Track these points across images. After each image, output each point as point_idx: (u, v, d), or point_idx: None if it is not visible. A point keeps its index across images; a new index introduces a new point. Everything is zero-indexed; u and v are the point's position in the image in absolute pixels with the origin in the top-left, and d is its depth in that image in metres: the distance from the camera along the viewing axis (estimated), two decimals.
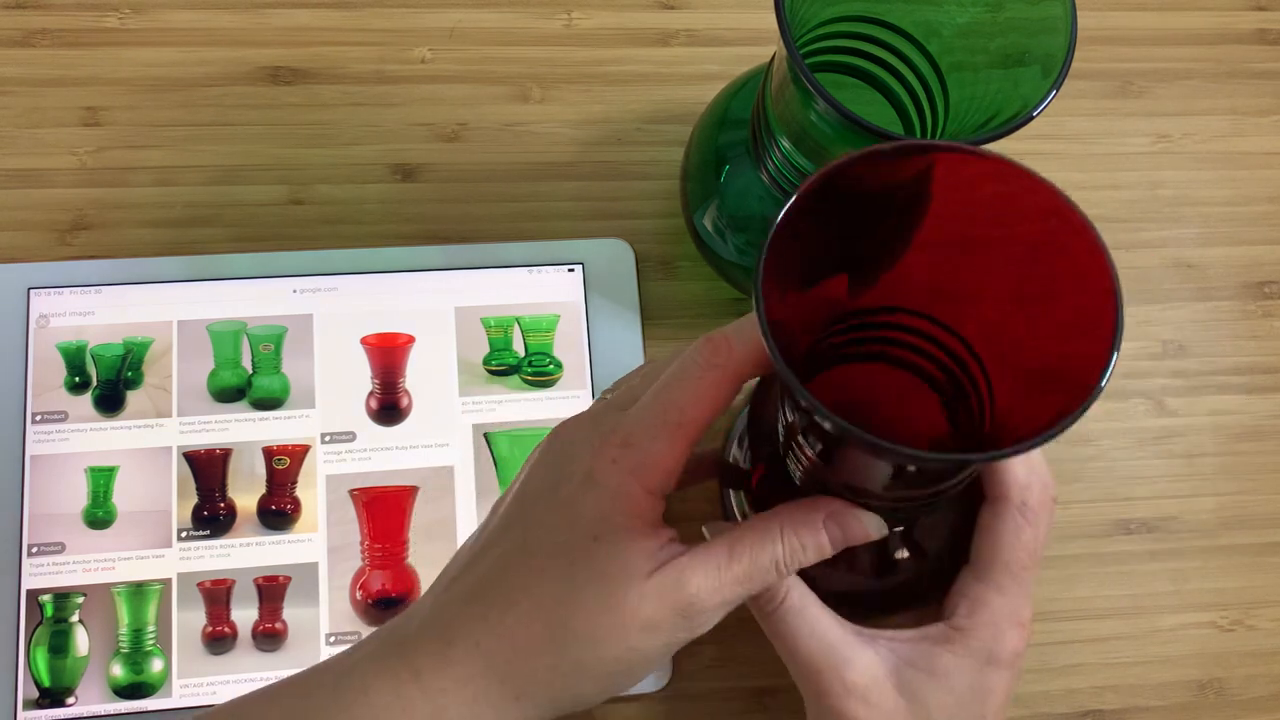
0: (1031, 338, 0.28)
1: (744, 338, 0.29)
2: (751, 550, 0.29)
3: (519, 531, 0.30)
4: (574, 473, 0.29)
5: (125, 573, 0.41)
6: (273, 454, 0.43)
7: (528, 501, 0.30)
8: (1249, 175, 0.50)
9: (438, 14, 0.49)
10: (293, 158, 0.47)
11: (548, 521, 0.29)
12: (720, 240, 0.42)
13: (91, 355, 0.43)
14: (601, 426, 0.30)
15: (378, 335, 0.44)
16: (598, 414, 0.31)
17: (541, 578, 0.28)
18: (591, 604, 0.28)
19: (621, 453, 0.28)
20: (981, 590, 0.32)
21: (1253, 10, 0.53)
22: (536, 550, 0.29)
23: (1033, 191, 0.26)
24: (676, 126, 0.48)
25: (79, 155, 0.46)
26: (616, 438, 0.29)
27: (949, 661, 0.31)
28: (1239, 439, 0.47)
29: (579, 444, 0.30)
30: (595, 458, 0.29)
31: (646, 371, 0.32)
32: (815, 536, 0.29)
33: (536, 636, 0.28)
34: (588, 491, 0.29)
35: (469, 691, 0.28)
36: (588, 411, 0.31)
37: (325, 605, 0.41)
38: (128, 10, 0.48)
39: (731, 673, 0.43)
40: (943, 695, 0.31)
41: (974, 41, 0.33)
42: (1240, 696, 0.44)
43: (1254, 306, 0.49)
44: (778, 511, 0.30)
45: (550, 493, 0.29)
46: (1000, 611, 0.32)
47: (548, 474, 0.30)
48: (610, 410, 0.30)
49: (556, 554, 0.28)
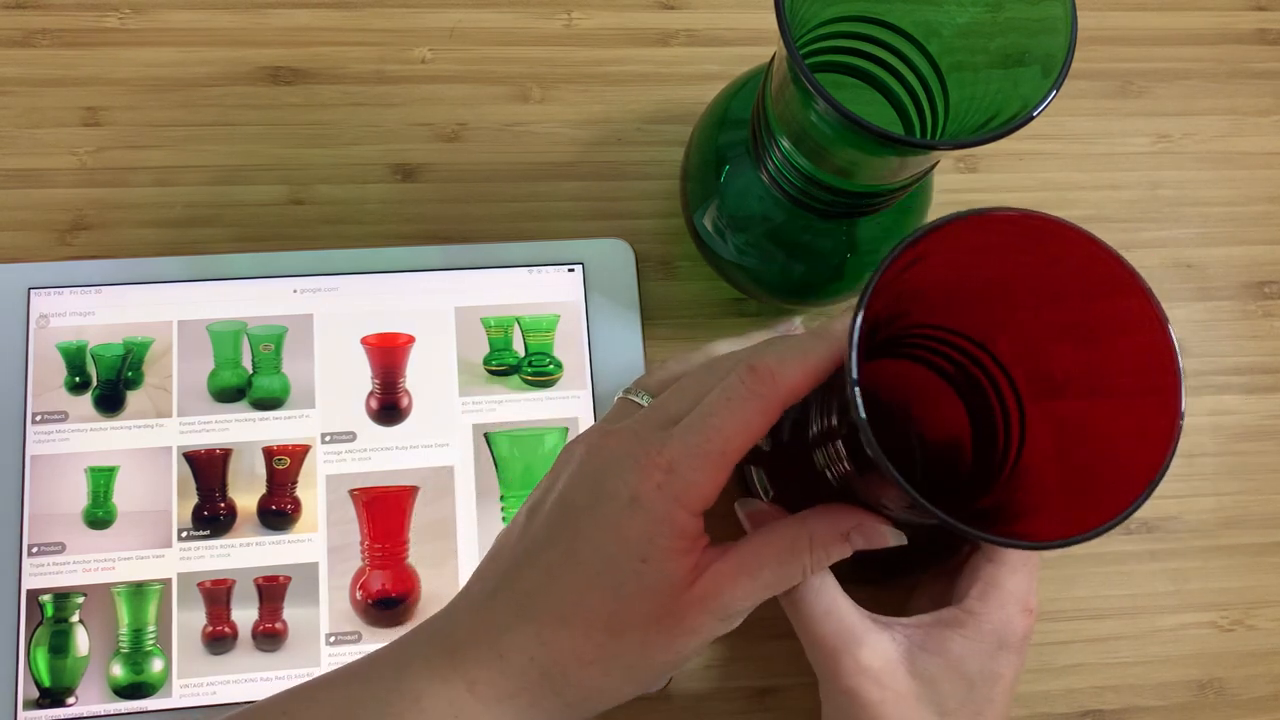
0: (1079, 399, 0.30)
1: (788, 369, 0.29)
2: (781, 558, 0.30)
3: (565, 544, 0.30)
4: (619, 492, 0.30)
5: (125, 573, 0.41)
6: (273, 454, 0.43)
7: (572, 513, 0.31)
8: (1249, 175, 0.50)
9: (438, 14, 0.49)
10: (293, 158, 0.47)
11: (595, 538, 0.30)
12: (720, 240, 0.42)
13: (92, 355, 0.43)
14: (645, 446, 0.30)
15: (378, 335, 0.44)
16: (640, 433, 0.31)
17: (592, 594, 0.29)
18: (641, 619, 0.29)
19: (666, 479, 0.29)
20: (994, 572, 0.34)
21: (1253, 10, 0.53)
22: (585, 565, 0.30)
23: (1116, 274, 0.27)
24: (676, 126, 0.48)
25: (79, 155, 0.46)
26: (662, 461, 0.29)
27: (961, 645, 0.32)
28: (1239, 439, 0.47)
29: (623, 461, 0.30)
30: (641, 482, 0.29)
31: (682, 386, 0.32)
32: (840, 547, 0.31)
33: (589, 650, 0.29)
34: (634, 514, 0.29)
35: (523, 701, 0.29)
36: (628, 427, 0.31)
37: (325, 605, 0.41)
38: (128, 10, 0.48)
39: (731, 673, 0.43)
40: (955, 678, 0.32)
41: (974, 41, 0.33)
42: (1240, 696, 0.44)
43: (1254, 306, 0.49)
44: (806, 519, 0.31)
45: (595, 508, 0.30)
46: (1012, 594, 0.33)
47: (592, 488, 0.31)
48: (651, 430, 0.31)
49: (605, 570, 0.29)
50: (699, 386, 0.31)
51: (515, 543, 0.32)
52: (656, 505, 0.29)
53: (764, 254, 0.41)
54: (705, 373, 0.32)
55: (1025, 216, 0.27)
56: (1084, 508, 0.26)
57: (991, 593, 0.33)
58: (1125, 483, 0.25)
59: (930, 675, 0.32)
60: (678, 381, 0.33)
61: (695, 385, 0.31)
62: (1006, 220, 0.27)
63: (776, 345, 0.31)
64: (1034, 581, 0.34)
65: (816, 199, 0.36)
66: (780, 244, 0.40)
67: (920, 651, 0.32)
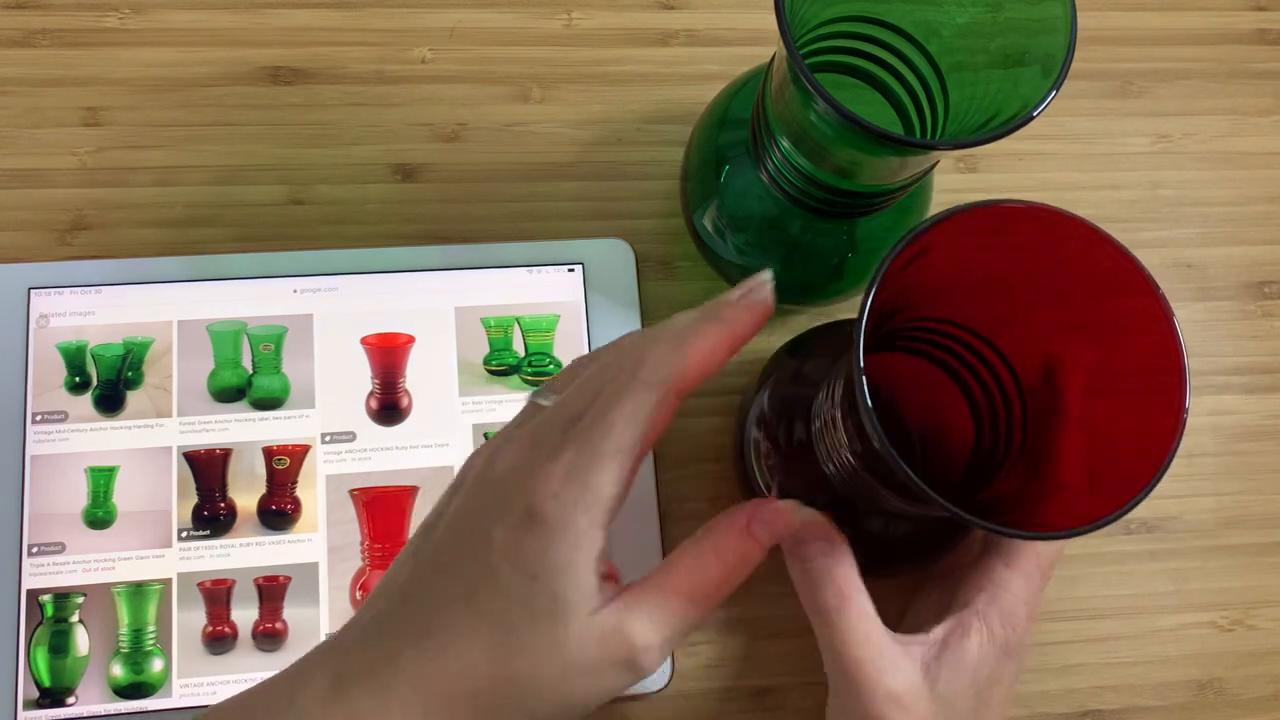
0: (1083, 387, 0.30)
1: (681, 357, 0.27)
2: (688, 582, 0.28)
3: (454, 568, 0.28)
4: (513, 505, 0.27)
5: (125, 573, 0.41)
6: (273, 454, 0.43)
7: (463, 534, 0.28)
8: (1249, 175, 0.50)
9: (438, 14, 0.49)
10: (293, 158, 0.47)
11: (486, 558, 0.27)
12: (720, 240, 0.42)
13: (91, 355, 0.43)
14: (541, 451, 0.28)
15: (378, 335, 0.44)
16: (537, 437, 0.28)
17: (481, 619, 0.27)
18: (531, 647, 0.27)
19: (564, 486, 0.27)
20: (1009, 577, 0.34)
21: (1253, 10, 0.53)
22: (475, 588, 0.27)
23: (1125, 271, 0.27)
24: (676, 126, 0.48)
25: (79, 155, 0.46)
26: (558, 469, 0.27)
27: (974, 653, 0.32)
28: (1239, 439, 0.47)
29: (518, 471, 0.28)
30: (536, 492, 0.27)
31: (583, 383, 0.29)
32: (745, 545, 0.28)
33: (479, 681, 0.27)
34: (529, 528, 0.27)
35: None
36: (527, 433, 0.29)
37: (325, 605, 0.41)
38: (128, 10, 0.48)
39: (731, 673, 0.43)
40: (967, 688, 0.32)
41: (974, 41, 0.33)
42: (1240, 696, 0.44)
43: (1254, 306, 0.49)
44: (704, 534, 0.29)
45: (487, 526, 0.28)
46: (1021, 599, 0.33)
47: (485, 502, 0.28)
48: (550, 433, 0.28)
49: (495, 594, 0.27)
50: (600, 380, 0.29)
51: (406, 564, 0.29)
52: (551, 514, 0.27)
53: (764, 254, 0.41)
54: (606, 366, 0.29)
55: (1031, 209, 0.27)
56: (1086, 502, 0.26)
57: (1002, 596, 0.33)
58: (1127, 478, 0.25)
59: (948, 693, 0.32)
60: (581, 378, 0.30)
61: (596, 379, 0.29)
62: (1012, 212, 0.27)
63: (668, 332, 0.28)
64: (1040, 591, 0.34)
65: (816, 199, 0.36)
66: (780, 244, 0.40)
67: (938, 668, 0.32)
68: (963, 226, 0.26)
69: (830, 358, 0.38)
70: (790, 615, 0.40)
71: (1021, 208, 0.27)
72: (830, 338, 0.40)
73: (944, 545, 0.37)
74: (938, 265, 0.28)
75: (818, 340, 0.40)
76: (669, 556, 0.29)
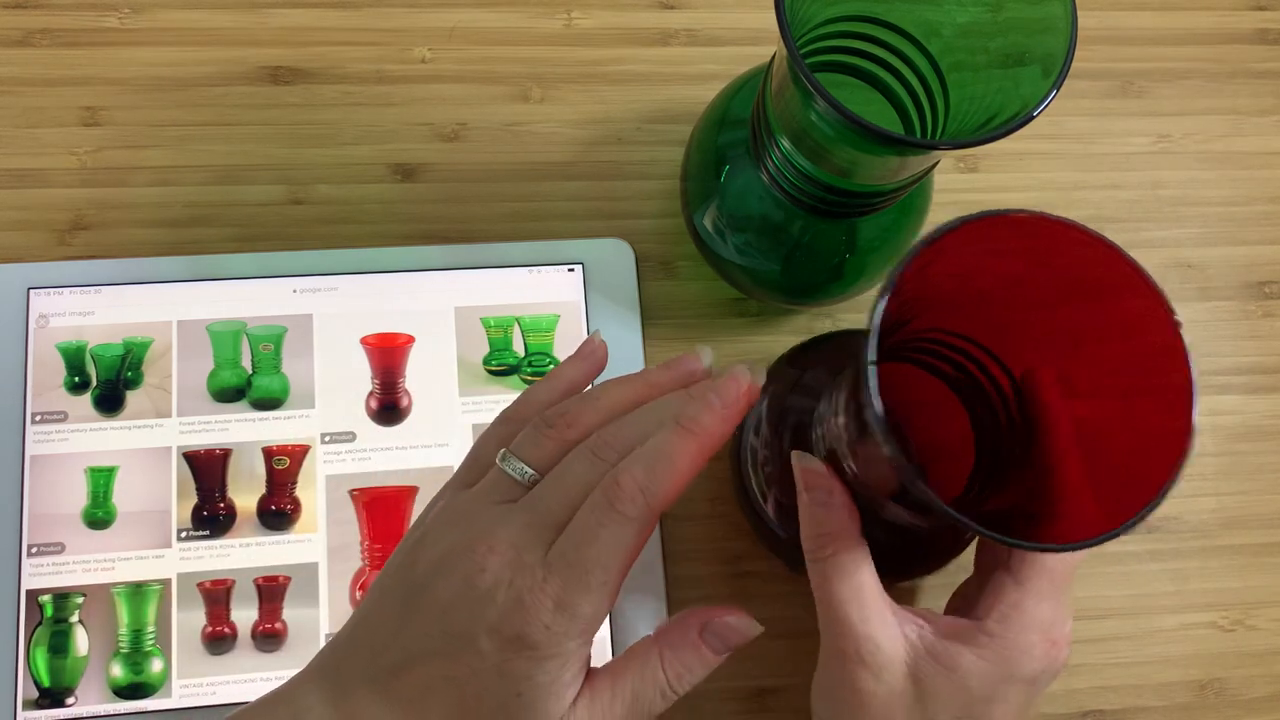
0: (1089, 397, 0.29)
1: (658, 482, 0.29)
2: (633, 685, 0.30)
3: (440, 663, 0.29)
4: (504, 626, 0.28)
5: (125, 573, 0.41)
6: (273, 454, 0.43)
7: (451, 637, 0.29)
8: (1249, 175, 0.50)
9: (438, 14, 0.49)
10: (293, 158, 0.46)
11: (472, 663, 0.28)
12: (720, 240, 0.42)
13: (91, 355, 0.43)
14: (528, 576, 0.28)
15: (378, 335, 0.44)
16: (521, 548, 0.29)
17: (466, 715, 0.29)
18: None
19: (554, 619, 0.28)
20: (1020, 597, 0.32)
21: (1253, 10, 0.53)
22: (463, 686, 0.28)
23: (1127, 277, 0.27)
24: (676, 126, 0.48)
25: (79, 155, 0.46)
26: (548, 600, 0.28)
27: (970, 662, 0.31)
28: (1239, 439, 0.47)
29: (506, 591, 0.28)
30: (528, 623, 0.28)
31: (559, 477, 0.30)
32: (697, 653, 0.31)
33: None
34: (517, 651, 0.28)
35: None
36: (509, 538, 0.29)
37: (325, 605, 0.41)
38: (128, 10, 0.48)
39: (731, 673, 0.42)
40: (954, 692, 0.31)
41: (974, 41, 0.33)
42: (1240, 696, 0.44)
43: (1254, 306, 0.49)
44: (656, 636, 0.31)
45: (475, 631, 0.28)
46: (1034, 621, 0.32)
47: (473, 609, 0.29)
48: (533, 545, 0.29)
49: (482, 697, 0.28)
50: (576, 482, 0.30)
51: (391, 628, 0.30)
52: (543, 644, 0.28)
53: (764, 254, 0.41)
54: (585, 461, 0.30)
55: (1038, 219, 0.27)
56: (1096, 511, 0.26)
57: (1013, 616, 0.32)
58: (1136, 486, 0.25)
59: (929, 684, 0.31)
60: (555, 468, 0.31)
61: (574, 480, 0.30)
62: (1018, 222, 0.27)
63: (644, 456, 0.29)
64: (1062, 611, 0.32)
65: (816, 199, 0.36)
66: (780, 244, 0.40)
67: (928, 657, 0.31)
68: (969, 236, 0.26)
69: (829, 368, 0.38)
70: (790, 615, 0.40)
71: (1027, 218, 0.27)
72: (829, 348, 0.40)
73: (944, 554, 0.37)
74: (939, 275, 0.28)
75: (817, 350, 0.40)
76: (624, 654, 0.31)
